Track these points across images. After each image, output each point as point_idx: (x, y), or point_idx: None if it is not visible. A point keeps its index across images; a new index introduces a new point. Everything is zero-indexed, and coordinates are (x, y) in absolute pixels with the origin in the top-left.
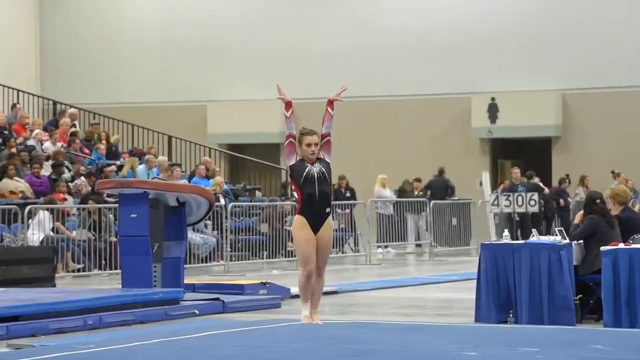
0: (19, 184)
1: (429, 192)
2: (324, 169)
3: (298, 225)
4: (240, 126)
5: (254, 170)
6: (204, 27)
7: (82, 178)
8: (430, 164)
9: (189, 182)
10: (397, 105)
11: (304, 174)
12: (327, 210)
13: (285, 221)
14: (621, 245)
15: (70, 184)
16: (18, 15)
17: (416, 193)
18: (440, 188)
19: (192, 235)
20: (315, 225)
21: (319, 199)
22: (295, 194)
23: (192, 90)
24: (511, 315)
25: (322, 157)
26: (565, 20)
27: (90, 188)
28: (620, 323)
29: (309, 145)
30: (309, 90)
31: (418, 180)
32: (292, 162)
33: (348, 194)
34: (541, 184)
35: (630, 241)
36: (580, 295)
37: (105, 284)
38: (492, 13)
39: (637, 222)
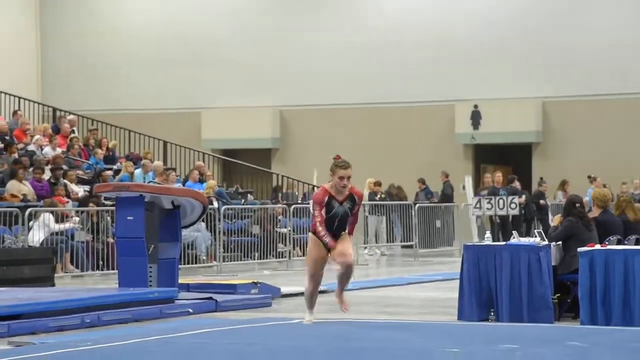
0: (23, 187)
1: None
2: (348, 210)
3: (313, 243)
4: (232, 132)
5: (246, 175)
6: (198, 38)
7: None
8: (417, 169)
9: (184, 185)
10: (385, 112)
11: (331, 213)
12: (342, 232)
13: (279, 221)
14: (597, 247)
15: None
16: (21, 28)
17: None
18: (427, 194)
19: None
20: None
21: (336, 230)
22: (318, 218)
23: (186, 97)
24: (492, 314)
25: (352, 193)
26: (544, 31)
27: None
28: (597, 321)
29: (341, 178)
30: (300, 98)
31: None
32: (323, 203)
33: None
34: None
35: (606, 242)
36: (559, 294)
37: (103, 283)
38: (475, 25)
39: (615, 224)
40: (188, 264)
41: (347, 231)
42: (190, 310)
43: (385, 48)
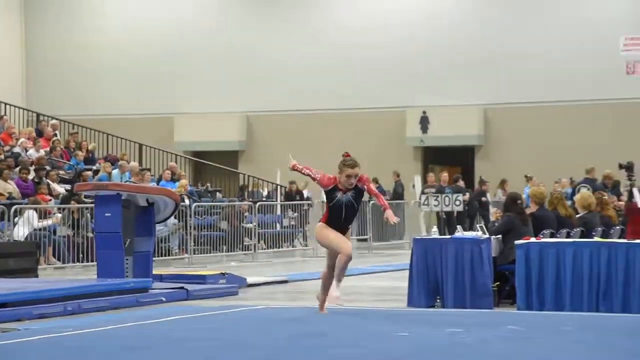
0: (9, 186)
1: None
2: (352, 199)
3: (323, 227)
4: (203, 135)
5: (215, 175)
6: (172, 48)
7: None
8: (371, 169)
9: (157, 184)
10: (342, 118)
11: (333, 201)
12: (349, 226)
13: (245, 217)
14: (533, 240)
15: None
16: (6, 39)
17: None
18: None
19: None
20: (339, 229)
21: (344, 221)
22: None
23: (160, 103)
24: (438, 301)
25: (357, 184)
26: (486, 43)
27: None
28: (532, 306)
29: (349, 176)
30: (265, 104)
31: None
32: (327, 189)
33: (298, 197)
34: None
35: (541, 236)
36: (498, 283)
37: (83, 274)
38: (422, 39)
39: (549, 219)
40: (161, 256)
41: (349, 227)
42: (164, 299)
43: (343, 60)
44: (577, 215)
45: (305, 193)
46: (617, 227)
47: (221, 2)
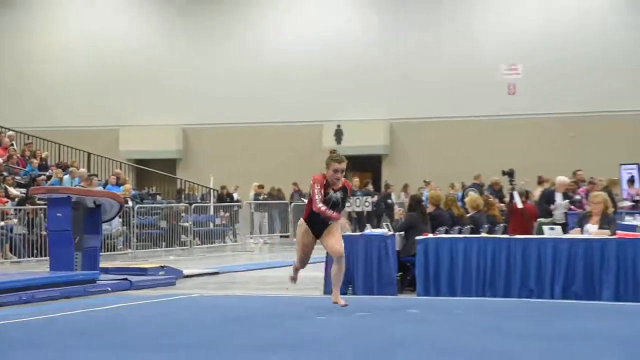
0: None
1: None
2: (340, 198)
3: (302, 230)
4: (145, 145)
5: (155, 180)
6: (117, 67)
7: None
8: (292, 175)
9: (104, 188)
10: (268, 130)
11: (327, 197)
12: (330, 222)
13: (182, 217)
14: (430, 236)
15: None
16: None
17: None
18: (300, 195)
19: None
20: (320, 229)
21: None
22: (309, 201)
23: (107, 117)
24: (350, 288)
25: (345, 185)
26: (392, 66)
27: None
28: (429, 293)
29: (336, 170)
30: (199, 118)
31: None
32: (323, 183)
33: (228, 199)
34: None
35: (437, 232)
36: (401, 273)
37: (37, 268)
38: (338, 60)
39: (444, 218)
40: (108, 251)
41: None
42: (109, 289)
43: (269, 79)
44: (468, 215)
45: (235, 196)
46: (501, 225)
47: (158, 26)
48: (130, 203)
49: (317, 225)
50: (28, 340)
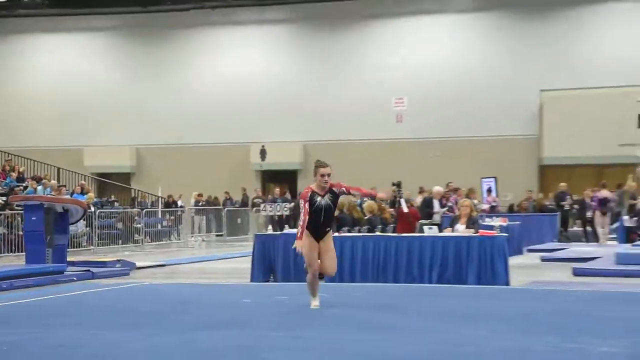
0: None
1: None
2: (330, 202)
3: (307, 242)
4: (104, 161)
5: (113, 189)
6: (80, 100)
7: None
8: (225, 186)
9: (71, 197)
10: (206, 149)
11: (314, 206)
12: (328, 229)
13: (135, 220)
14: (336, 234)
15: None
16: None
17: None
18: (232, 202)
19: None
20: (319, 236)
21: (322, 224)
22: (303, 211)
23: (73, 138)
24: (272, 277)
25: (334, 189)
26: (305, 96)
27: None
28: (335, 280)
29: (322, 175)
30: (149, 139)
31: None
32: (307, 197)
33: (174, 205)
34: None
35: (341, 232)
36: None
37: (15, 261)
38: (259, 92)
39: (347, 220)
40: (74, 248)
41: (330, 230)
42: (75, 279)
43: (206, 107)
44: (365, 218)
45: (179, 202)
46: (391, 225)
47: (113, 64)
48: (92, 208)
49: (317, 231)
50: (9, 321)
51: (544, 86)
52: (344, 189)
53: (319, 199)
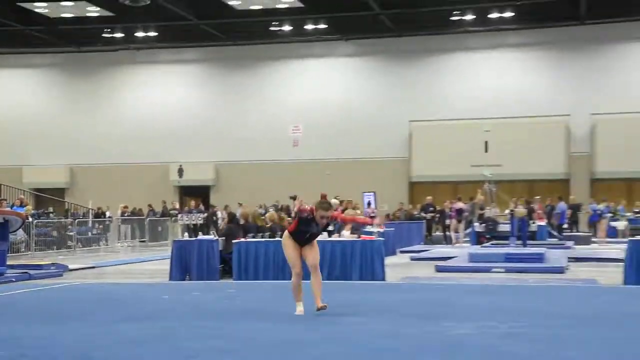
0: None
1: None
2: (319, 229)
3: (286, 239)
4: (42, 179)
5: (50, 203)
6: (19, 125)
7: None
8: (148, 199)
9: (11, 209)
10: (133, 167)
11: (307, 228)
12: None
13: (68, 229)
14: (242, 240)
15: None
16: None
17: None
18: (154, 213)
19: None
20: (302, 242)
21: (308, 238)
22: (293, 220)
23: (14, 159)
24: (188, 276)
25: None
26: (217, 122)
27: None
28: (242, 278)
29: (322, 217)
30: (82, 158)
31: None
32: (303, 216)
33: (103, 216)
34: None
35: (247, 237)
36: (222, 264)
37: None
38: (181, 118)
39: (252, 227)
40: (13, 253)
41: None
42: (14, 280)
43: (134, 129)
44: (267, 225)
45: (107, 213)
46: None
47: (49, 93)
48: (30, 219)
49: (301, 241)
50: None
51: (413, 117)
52: (339, 219)
53: (314, 226)
